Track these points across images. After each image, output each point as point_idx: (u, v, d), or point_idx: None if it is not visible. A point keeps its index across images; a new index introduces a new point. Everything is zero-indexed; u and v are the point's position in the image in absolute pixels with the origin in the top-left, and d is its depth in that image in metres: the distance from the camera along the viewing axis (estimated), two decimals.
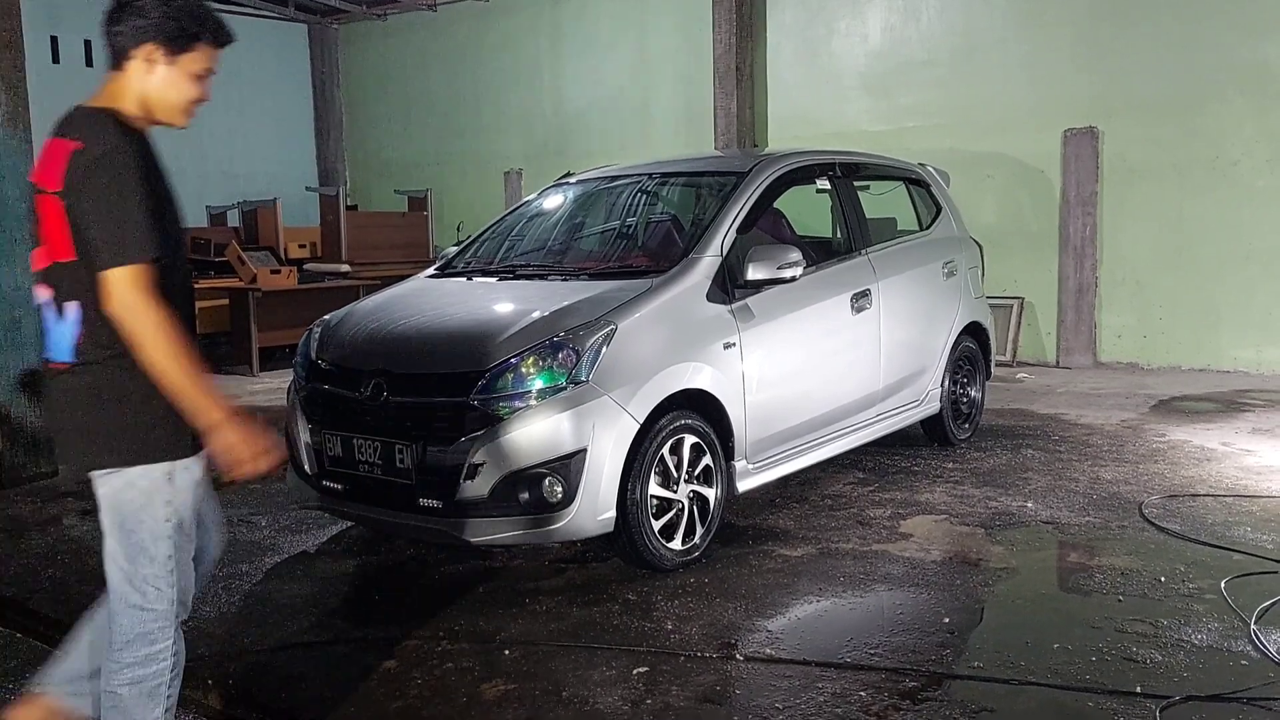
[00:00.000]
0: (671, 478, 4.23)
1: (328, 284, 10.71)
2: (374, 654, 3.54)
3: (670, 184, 5.55)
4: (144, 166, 2.40)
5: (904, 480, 5.61)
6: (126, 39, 2.47)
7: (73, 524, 5.24)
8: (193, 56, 2.50)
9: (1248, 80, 8.57)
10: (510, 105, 13.50)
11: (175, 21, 2.46)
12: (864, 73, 10.54)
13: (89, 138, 2.36)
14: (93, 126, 2.38)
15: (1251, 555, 4.26)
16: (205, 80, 2.56)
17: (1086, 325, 9.48)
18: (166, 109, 2.53)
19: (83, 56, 13.10)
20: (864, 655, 3.42)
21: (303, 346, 4.73)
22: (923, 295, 5.96)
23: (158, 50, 2.46)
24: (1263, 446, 6.18)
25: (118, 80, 2.49)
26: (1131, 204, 9.20)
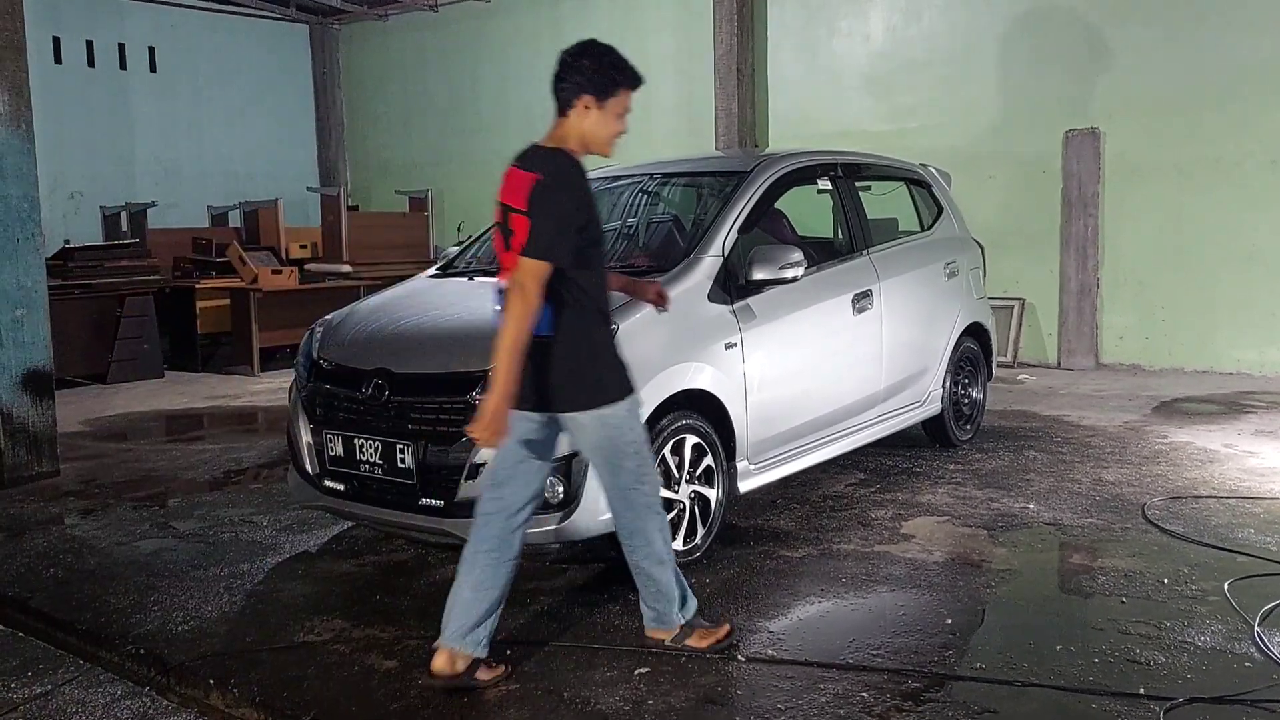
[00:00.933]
0: (673, 478, 4.21)
1: (329, 284, 10.72)
2: (375, 653, 3.54)
3: (671, 184, 5.54)
4: (580, 192, 3.22)
5: (906, 481, 5.60)
6: (569, 92, 3.27)
7: (74, 523, 5.24)
8: (616, 100, 3.27)
9: (1250, 80, 8.56)
10: (511, 105, 13.49)
11: (603, 75, 3.25)
12: (865, 72, 10.53)
13: (546, 170, 3.17)
14: (548, 162, 3.20)
15: (1255, 557, 4.25)
16: (624, 117, 3.32)
17: (1088, 326, 9.47)
18: (599, 143, 3.30)
19: (85, 57, 13.11)
20: (866, 656, 3.41)
21: (304, 346, 4.73)
22: (924, 296, 5.95)
23: (591, 99, 3.24)
24: (1266, 448, 6.17)
25: (562, 124, 3.30)
26: (1133, 205, 9.19)
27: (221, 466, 6.42)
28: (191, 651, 3.60)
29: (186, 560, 4.59)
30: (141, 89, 13.72)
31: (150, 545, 4.85)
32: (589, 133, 3.27)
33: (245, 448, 6.95)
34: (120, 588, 4.26)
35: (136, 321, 9.93)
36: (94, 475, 6.23)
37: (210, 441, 7.26)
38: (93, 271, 9.86)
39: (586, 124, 3.26)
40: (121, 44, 13.45)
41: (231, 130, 14.64)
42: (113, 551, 4.76)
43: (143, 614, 3.96)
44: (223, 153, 14.54)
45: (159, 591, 4.20)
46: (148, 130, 13.78)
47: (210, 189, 14.05)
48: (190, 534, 5.01)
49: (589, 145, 3.29)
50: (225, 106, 14.59)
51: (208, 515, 5.32)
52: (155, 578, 4.37)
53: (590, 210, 3.25)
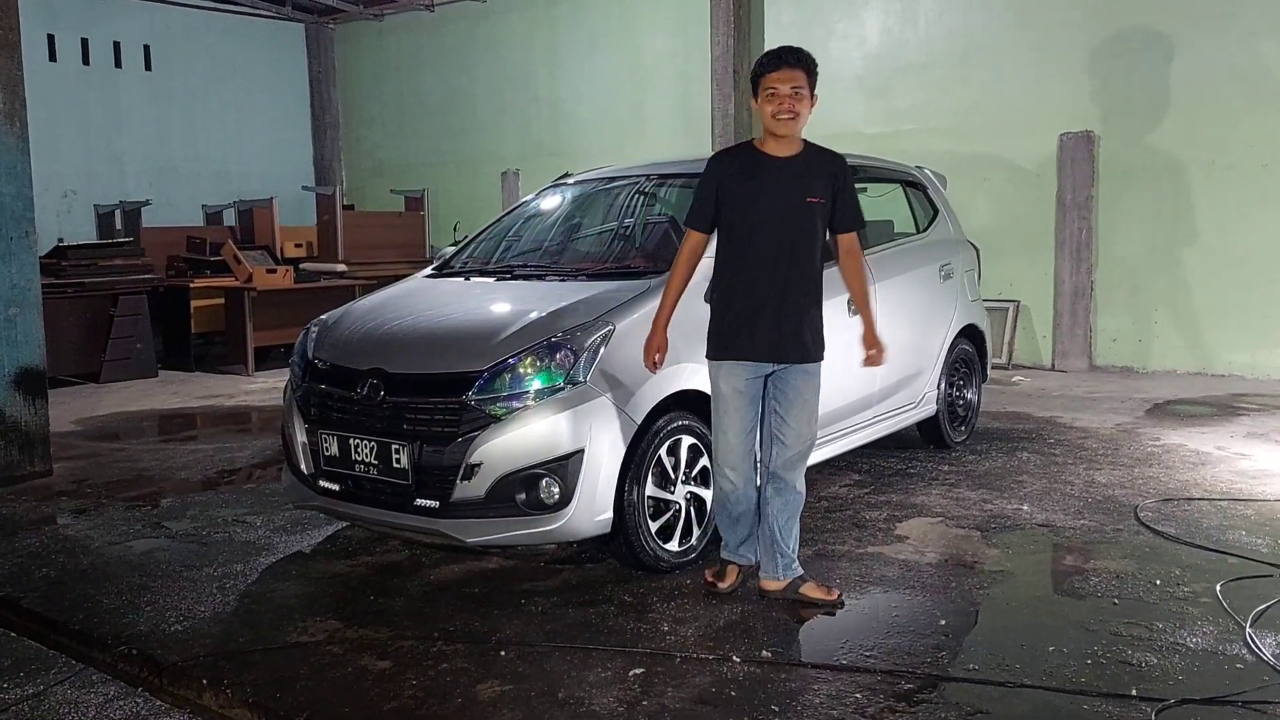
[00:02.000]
0: (669, 479, 4.22)
1: (324, 283, 10.71)
2: (368, 655, 3.54)
3: (668, 185, 5.54)
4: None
5: (900, 483, 5.61)
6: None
7: (66, 523, 5.23)
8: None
9: (1243, 84, 8.59)
10: (507, 105, 13.50)
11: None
12: (861, 75, 10.55)
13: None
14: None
15: (1246, 559, 4.26)
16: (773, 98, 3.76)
17: (1082, 329, 9.49)
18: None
19: (79, 55, 13.09)
20: (859, 657, 3.42)
21: (299, 346, 4.73)
22: (919, 297, 5.96)
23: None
24: (1257, 450, 6.19)
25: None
26: (1127, 207, 9.22)
27: (215, 466, 6.41)
28: (185, 652, 3.59)
29: (180, 560, 4.58)
30: (136, 87, 13.70)
31: (143, 545, 4.84)
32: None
33: (239, 447, 6.94)
34: (113, 588, 4.25)
35: (130, 320, 9.91)
36: (87, 475, 6.21)
37: (204, 441, 7.25)
38: (86, 270, 9.84)
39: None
40: (117, 42, 13.44)
41: (227, 129, 14.63)
42: (105, 551, 4.75)
43: (135, 614, 3.95)
44: (218, 152, 14.53)
45: (152, 592, 4.19)
46: (142, 129, 13.76)
47: (205, 188, 14.04)
48: (183, 534, 5.00)
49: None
50: (220, 105, 14.57)
51: (201, 515, 5.31)
52: (148, 578, 4.36)
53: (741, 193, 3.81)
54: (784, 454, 3.89)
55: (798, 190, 3.76)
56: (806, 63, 3.75)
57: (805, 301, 3.81)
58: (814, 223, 3.79)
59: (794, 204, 3.76)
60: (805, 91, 3.73)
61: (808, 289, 3.82)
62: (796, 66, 3.71)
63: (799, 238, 3.77)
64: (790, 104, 3.68)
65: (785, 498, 3.91)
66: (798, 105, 3.70)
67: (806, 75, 3.74)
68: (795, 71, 3.70)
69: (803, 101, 3.72)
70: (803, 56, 3.75)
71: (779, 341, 3.78)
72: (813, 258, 3.81)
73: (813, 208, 3.78)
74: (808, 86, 3.74)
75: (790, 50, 3.77)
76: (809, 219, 3.78)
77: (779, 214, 3.75)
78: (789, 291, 3.77)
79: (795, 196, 3.76)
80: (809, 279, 3.82)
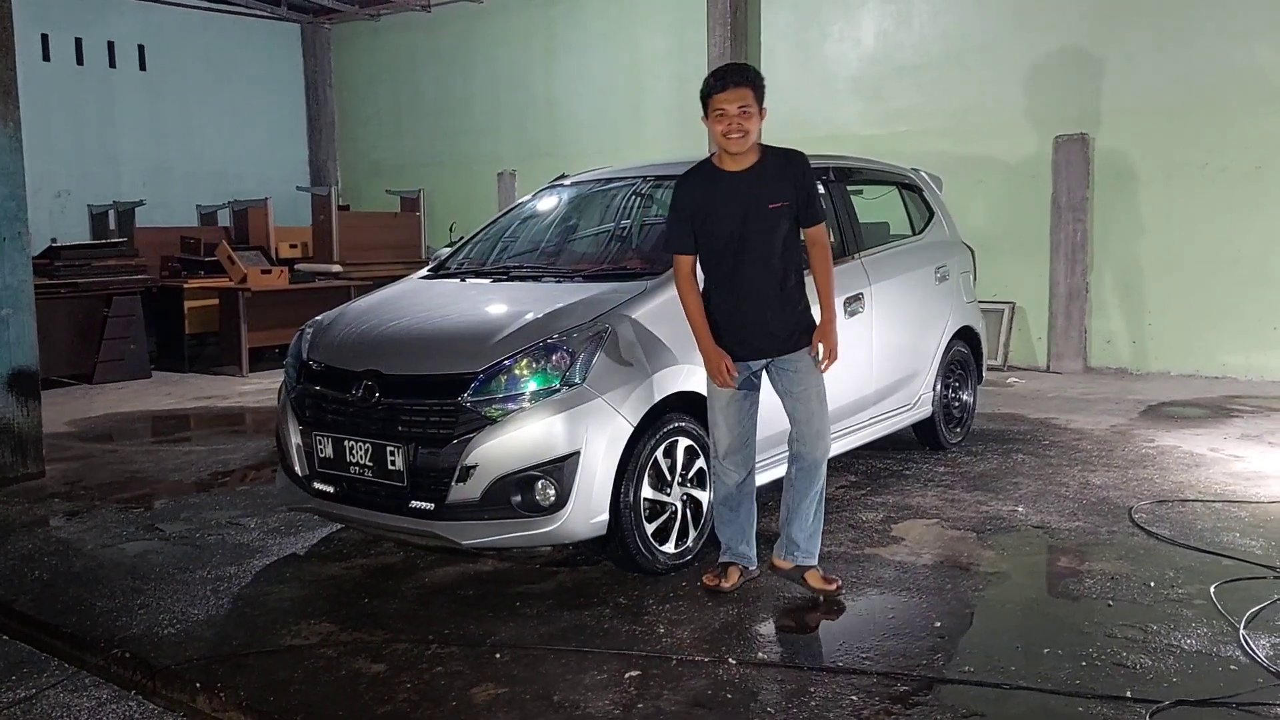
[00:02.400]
0: (665, 481, 4.22)
1: (318, 284, 10.68)
2: (363, 657, 3.53)
3: (664, 186, 5.51)
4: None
5: (895, 484, 5.61)
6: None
7: (59, 525, 5.21)
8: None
9: (1236, 86, 8.60)
10: (503, 106, 13.49)
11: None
12: (857, 76, 10.56)
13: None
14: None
15: (1240, 560, 4.27)
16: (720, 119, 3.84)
17: (1077, 330, 9.51)
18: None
19: (73, 55, 13.06)
20: (855, 659, 3.42)
21: (294, 347, 4.71)
22: (915, 299, 5.96)
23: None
24: (1251, 452, 6.20)
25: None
26: (1122, 210, 9.23)
27: (209, 468, 6.39)
28: (178, 655, 3.58)
29: (173, 563, 4.57)
30: (130, 87, 13.67)
31: (136, 547, 4.83)
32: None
33: (232, 449, 6.92)
34: (106, 590, 4.23)
35: (123, 321, 9.88)
36: (80, 476, 6.19)
37: (197, 443, 7.23)
38: (79, 271, 9.81)
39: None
40: (111, 42, 13.41)
41: (221, 129, 14.60)
42: (98, 554, 4.73)
43: (129, 617, 3.94)
44: (212, 152, 14.50)
45: (145, 594, 4.18)
46: (136, 129, 13.73)
47: (199, 188, 14.01)
48: (177, 536, 4.98)
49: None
50: (215, 105, 14.55)
51: (194, 517, 5.29)
52: (141, 580, 4.34)
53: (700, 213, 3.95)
54: (801, 431, 4.00)
55: (758, 199, 3.86)
56: (752, 80, 3.84)
57: (785, 301, 3.92)
58: (780, 226, 3.88)
59: (756, 213, 3.86)
60: (753, 109, 3.81)
61: (788, 288, 3.93)
62: (743, 85, 3.79)
63: (768, 243, 3.88)
64: (739, 123, 3.78)
65: (802, 476, 4.01)
66: (746, 123, 3.79)
67: (753, 92, 3.82)
68: (742, 90, 3.79)
69: (751, 119, 3.80)
70: (748, 74, 3.86)
71: (763, 341, 3.93)
72: (786, 259, 3.92)
73: (776, 213, 3.87)
74: (755, 103, 3.82)
75: (735, 68, 3.89)
76: (774, 224, 3.87)
77: (743, 225, 3.86)
78: (766, 294, 3.90)
79: (757, 206, 3.87)
80: (786, 279, 3.92)
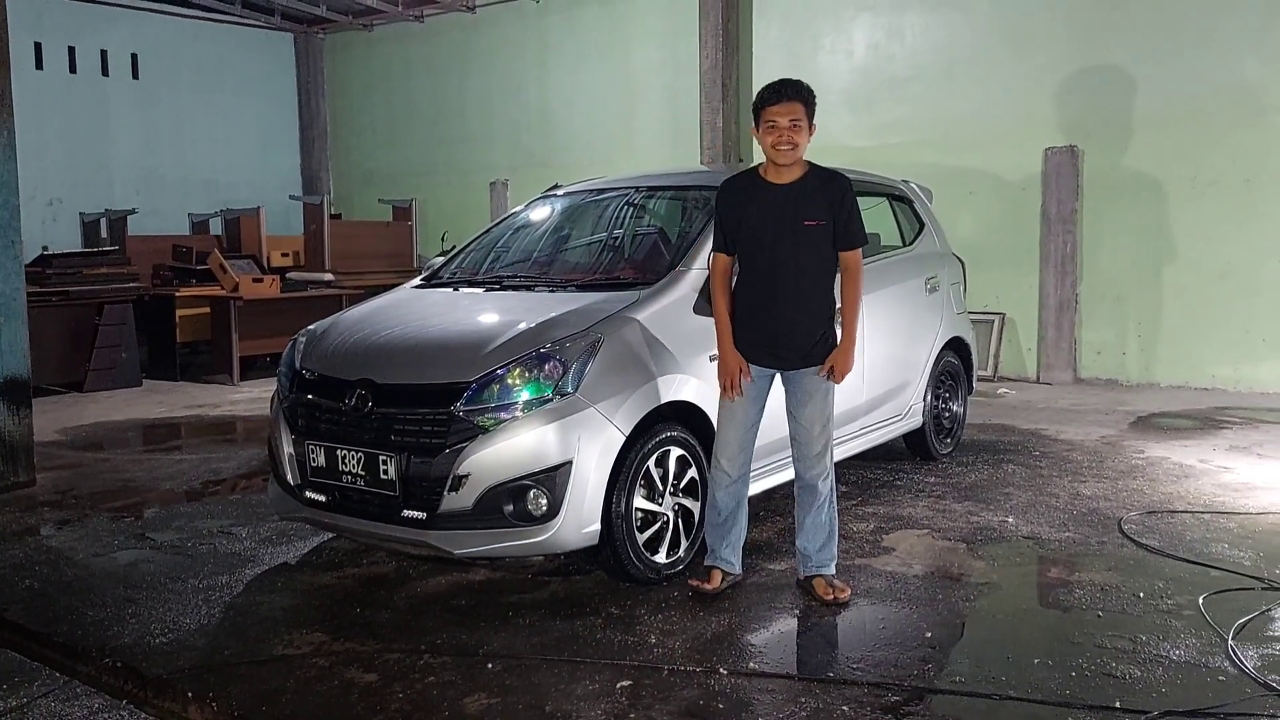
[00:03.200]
0: (656, 490, 4.23)
1: (310, 293, 10.67)
2: (355, 667, 3.53)
3: (657, 197, 5.56)
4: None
5: (886, 494, 5.63)
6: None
7: (50, 534, 5.20)
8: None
9: (1224, 100, 8.68)
10: (496, 116, 13.52)
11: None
12: (848, 89, 10.61)
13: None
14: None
15: (1229, 571, 4.29)
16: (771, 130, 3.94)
17: (1067, 341, 9.55)
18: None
19: (66, 63, 13.05)
20: (846, 669, 3.43)
21: (287, 356, 4.72)
22: (905, 310, 5.99)
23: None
24: (1240, 463, 6.23)
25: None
26: (1111, 221, 9.29)
27: (200, 477, 6.38)
28: (169, 665, 3.57)
29: (164, 572, 4.56)
30: (123, 96, 13.66)
31: (128, 556, 4.82)
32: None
33: (224, 458, 6.91)
34: (97, 600, 4.23)
35: (115, 329, 9.87)
36: (71, 485, 6.18)
37: (188, 451, 7.22)
38: (71, 279, 9.80)
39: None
40: (104, 50, 13.40)
41: (214, 138, 14.59)
42: (90, 563, 4.72)
43: (120, 626, 3.93)
44: (205, 160, 14.49)
45: (136, 604, 4.17)
46: (129, 137, 13.72)
47: (192, 197, 14.00)
48: (168, 545, 4.97)
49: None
50: (208, 114, 14.54)
51: (186, 526, 5.28)
52: (133, 590, 4.34)
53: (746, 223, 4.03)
54: (800, 453, 4.11)
55: (795, 215, 3.94)
56: (805, 95, 3.94)
57: (808, 317, 4.00)
58: (814, 244, 3.97)
59: (792, 228, 3.94)
60: (803, 123, 3.92)
61: (812, 305, 4.00)
62: (795, 99, 3.91)
63: (800, 258, 3.95)
64: (789, 136, 3.88)
65: (806, 496, 4.12)
66: (796, 136, 3.89)
67: (805, 107, 3.93)
68: (794, 104, 3.90)
69: (801, 133, 3.90)
70: (801, 89, 3.94)
71: (780, 349, 4.01)
72: (816, 276, 4.00)
73: (810, 230, 3.94)
74: (806, 118, 3.93)
75: (790, 84, 3.96)
76: (808, 241, 3.95)
77: (777, 237, 3.95)
78: (790, 307, 3.99)
79: (793, 221, 3.94)
80: (814, 296, 4.00)
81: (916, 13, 10.17)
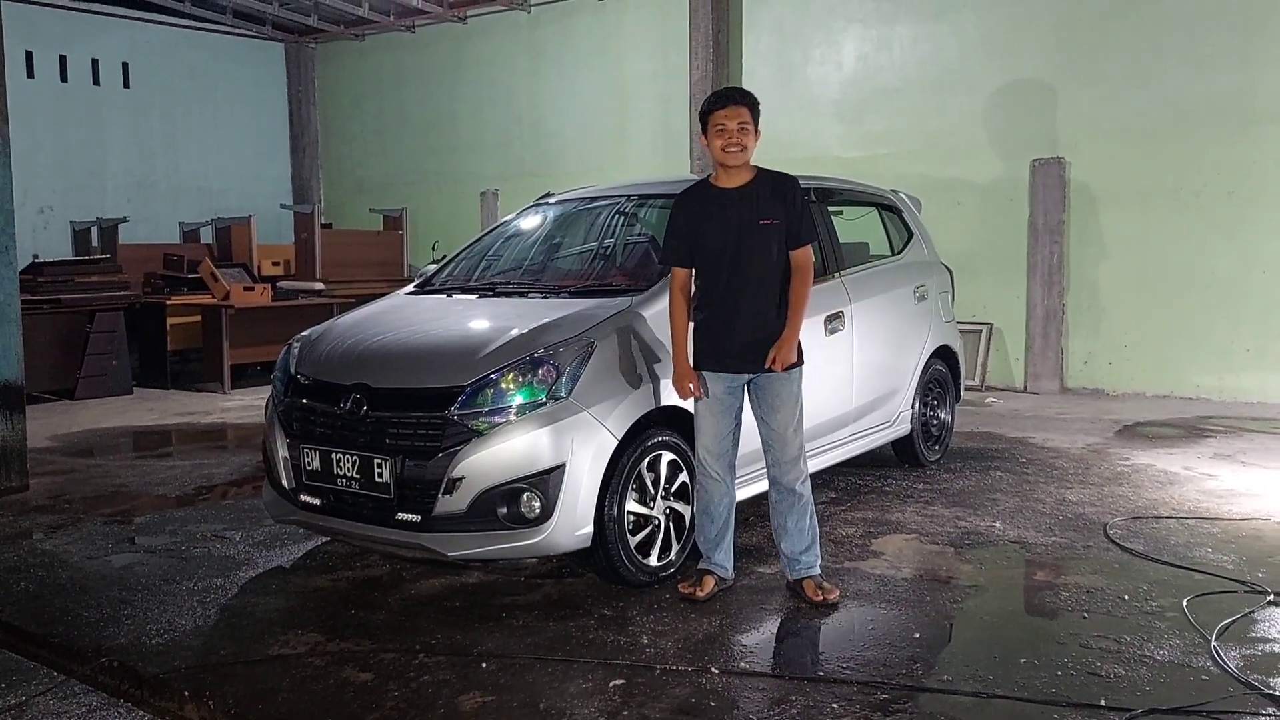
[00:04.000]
0: (648, 494, 4.27)
1: (301, 301, 10.70)
2: (350, 667, 3.56)
3: (648, 205, 5.61)
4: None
5: (875, 500, 5.69)
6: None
7: (44, 538, 5.21)
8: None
9: (1206, 113, 8.79)
10: (487, 125, 13.58)
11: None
12: (838, 99, 10.71)
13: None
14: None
15: (1212, 575, 4.36)
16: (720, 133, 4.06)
17: (1053, 351, 9.64)
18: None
19: (58, 72, 13.07)
20: (836, 669, 3.48)
21: (282, 361, 4.75)
22: (894, 318, 6.06)
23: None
24: (1223, 471, 6.31)
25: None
26: (1097, 232, 9.39)
27: (192, 482, 6.40)
28: (165, 664, 3.60)
29: (159, 575, 4.59)
30: (115, 104, 13.69)
31: (122, 560, 4.84)
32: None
33: (216, 464, 6.93)
34: (92, 601, 4.25)
35: (106, 337, 9.88)
36: (63, 490, 6.19)
37: (180, 458, 7.23)
38: (62, 287, 9.81)
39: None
40: (95, 59, 13.43)
41: (205, 147, 14.62)
42: (84, 566, 4.74)
43: (116, 627, 3.96)
44: (196, 169, 14.52)
45: (132, 605, 4.19)
46: (120, 145, 13.74)
47: (183, 205, 14.02)
48: (162, 549, 4.99)
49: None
50: (199, 123, 14.58)
51: (179, 530, 5.30)
52: (128, 592, 4.36)
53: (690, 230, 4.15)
54: (774, 458, 4.17)
55: (750, 215, 4.05)
56: (750, 101, 4.10)
57: (769, 315, 4.07)
58: (770, 243, 4.07)
59: (748, 228, 4.04)
60: (750, 126, 4.06)
61: (772, 304, 4.08)
62: (741, 104, 4.06)
63: (757, 258, 4.05)
64: (737, 138, 4.02)
65: (785, 501, 4.17)
66: (744, 139, 4.03)
67: (750, 112, 4.07)
68: (740, 108, 4.05)
69: (748, 135, 4.05)
70: (746, 95, 4.13)
71: (748, 352, 4.06)
72: (774, 276, 4.10)
73: (767, 229, 4.05)
74: (752, 122, 4.08)
75: (735, 90, 4.18)
76: (764, 240, 4.06)
77: (735, 239, 4.06)
78: (754, 306, 4.06)
79: (749, 221, 4.04)
80: (772, 295, 4.09)
81: (905, 25, 10.28)
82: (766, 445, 4.18)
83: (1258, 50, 8.56)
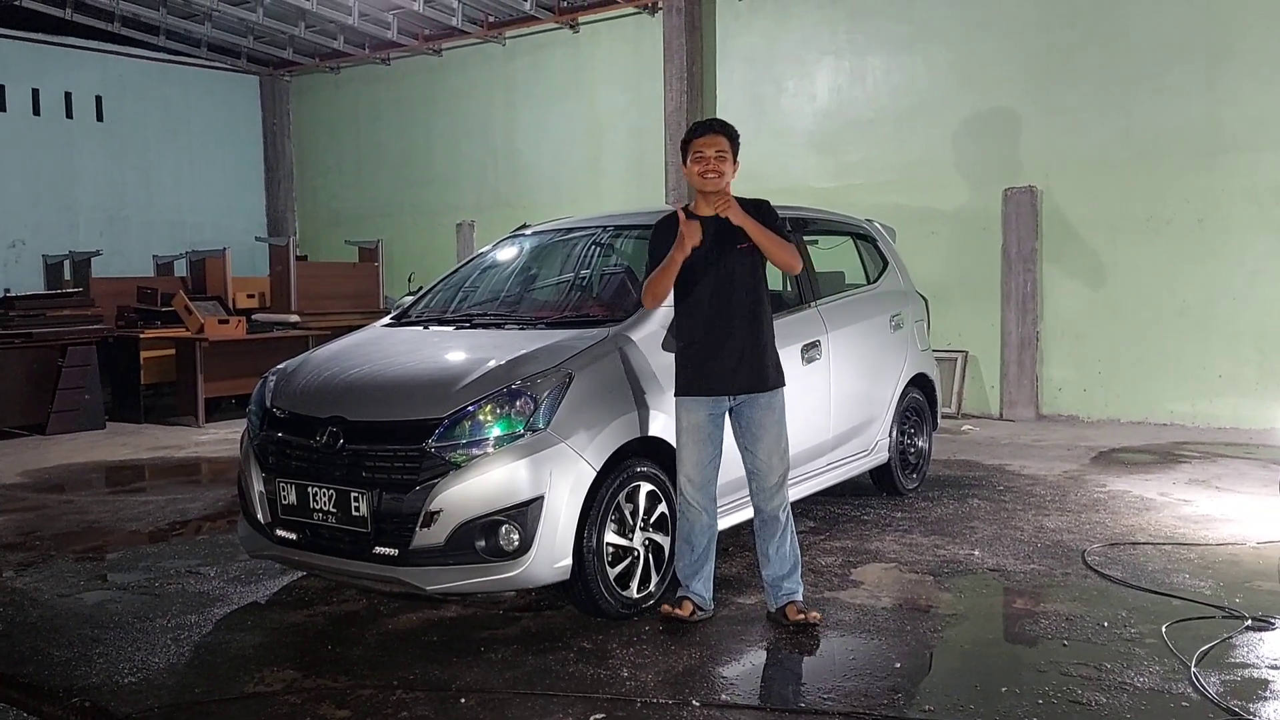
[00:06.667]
0: (627, 525, 4.26)
1: (276, 334, 10.64)
2: (327, 704, 3.51)
3: (624, 236, 5.63)
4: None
5: (854, 529, 5.69)
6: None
7: (13, 576, 5.12)
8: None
9: (1176, 143, 8.93)
10: (462, 157, 13.61)
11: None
12: (811, 130, 10.81)
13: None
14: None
15: (1190, 601, 4.37)
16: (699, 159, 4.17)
17: (1029, 378, 9.71)
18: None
19: (30, 105, 13.01)
20: (817, 700, 3.46)
21: (257, 394, 4.71)
22: (871, 347, 6.08)
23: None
24: (1199, 496, 6.35)
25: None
26: (1070, 260, 9.50)
27: (166, 518, 6.32)
28: (139, 704, 3.54)
29: (132, 612, 4.51)
30: (88, 138, 13.63)
31: (94, 597, 4.76)
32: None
33: (190, 499, 6.85)
34: (63, 640, 4.17)
35: (78, 371, 9.77)
36: (35, 527, 6.10)
37: (154, 493, 7.14)
38: (34, 321, 9.71)
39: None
40: (68, 93, 13.38)
41: (179, 180, 14.58)
42: (55, 604, 4.66)
43: (88, 666, 3.89)
44: (170, 202, 14.46)
45: (104, 644, 4.12)
46: (93, 179, 13.68)
47: (157, 238, 13.95)
48: (135, 585, 4.92)
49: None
50: (173, 156, 14.53)
51: (153, 567, 5.23)
52: (100, 630, 4.29)
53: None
54: (757, 485, 4.21)
55: (728, 240, 4.12)
56: (729, 131, 4.22)
57: (751, 338, 4.15)
58: (749, 266, 4.15)
59: (727, 254, 4.12)
60: (728, 154, 4.17)
61: (754, 326, 4.16)
62: (720, 133, 4.18)
63: (737, 282, 4.14)
64: (715, 165, 4.12)
65: (767, 528, 4.22)
66: (722, 166, 4.14)
67: (729, 141, 4.19)
68: (719, 137, 4.16)
69: (725, 163, 4.15)
70: (726, 126, 4.24)
71: (730, 376, 4.12)
72: (755, 298, 4.19)
73: (744, 253, 4.13)
74: (730, 151, 4.19)
75: (716, 120, 4.30)
76: (743, 263, 4.14)
77: (715, 265, 4.14)
78: (734, 331, 4.14)
79: (730, 246, 4.11)
80: (754, 317, 4.17)
81: (877, 57, 10.41)
82: (750, 473, 4.20)
83: (1224, 80, 8.72)
